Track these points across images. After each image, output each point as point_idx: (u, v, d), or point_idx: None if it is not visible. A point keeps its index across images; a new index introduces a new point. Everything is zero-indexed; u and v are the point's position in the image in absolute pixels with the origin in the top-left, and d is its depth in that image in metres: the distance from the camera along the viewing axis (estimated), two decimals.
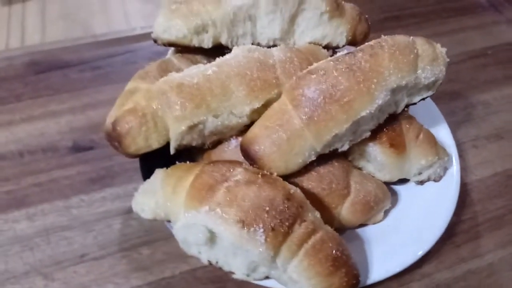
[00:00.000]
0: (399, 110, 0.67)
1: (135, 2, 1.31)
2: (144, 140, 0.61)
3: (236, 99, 0.63)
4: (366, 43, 0.65)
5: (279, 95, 0.65)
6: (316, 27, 0.75)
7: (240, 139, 0.69)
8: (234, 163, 0.61)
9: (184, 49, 0.73)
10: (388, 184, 0.72)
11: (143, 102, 0.62)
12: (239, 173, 0.57)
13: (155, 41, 0.72)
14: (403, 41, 0.63)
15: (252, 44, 0.75)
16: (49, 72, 0.98)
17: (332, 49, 0.78)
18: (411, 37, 0.65)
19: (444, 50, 0.67)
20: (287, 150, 0.60)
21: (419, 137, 0.69)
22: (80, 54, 1.03)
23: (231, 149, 0.69)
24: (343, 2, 0.78)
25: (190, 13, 0.70)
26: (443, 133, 0.79)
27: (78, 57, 1.02)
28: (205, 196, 0.55)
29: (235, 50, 0.67)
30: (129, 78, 0.98)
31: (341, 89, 0.59)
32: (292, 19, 0.74)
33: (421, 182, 0.72)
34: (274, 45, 0.76)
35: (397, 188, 0.74)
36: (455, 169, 0.73)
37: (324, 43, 0.77)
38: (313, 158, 0.61)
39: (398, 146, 0.67)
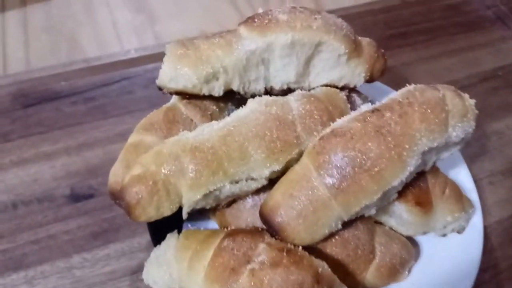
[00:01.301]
0: (427, 168, 0.63)
1: (124, 11, 1.23)
2: (155, 210, 0.56)
3: (255, 163, 0.58)
4: (393, 97, 0.60)
5: (300, 155, 0.60)
6: (333, 68, 0.70)
7: (256, 197, 0.65)
8: (255, 236, 0.56)
9: (191, 95, 0.67)
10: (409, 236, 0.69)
11: (152, 167, 0.57)
12: (262, 252, 0.53)
13: (160, 89, 0.66)
14: (433, 97, 0.59)
15: (265, 87, 0.70)
16: (39, 105, 0.90)
17: (348, 89, 0.74)
18: (441, 91, 0.60)
19: (473, 102, 0.62)
20: (312, 222, 0.55)
21: (445, 193, 0.65)
22: (72, 82, 0.95)
23: (247, 209, 0.64)
24: (359, 38, 0.73)
25: (199, 60, 0.64)
26: (463, 175, 0.76)
27: (70, 86, 0.95)
28: (228, 280, 0.51)
29: (251, 104, 0.62)
30: (126, 110, 0.93)
31: (372, 157, 0.54)
32: (308, 61, 0.69)
33: (443, 235, 0.69)
34: (288, 88, 0.71)
35: (418, 239, 0.71)
36: (478, 219, 0.70)
37: (341, 84, 0.72)
38: (339, 227, 0.57)
39: (424, 205, 0.64)
